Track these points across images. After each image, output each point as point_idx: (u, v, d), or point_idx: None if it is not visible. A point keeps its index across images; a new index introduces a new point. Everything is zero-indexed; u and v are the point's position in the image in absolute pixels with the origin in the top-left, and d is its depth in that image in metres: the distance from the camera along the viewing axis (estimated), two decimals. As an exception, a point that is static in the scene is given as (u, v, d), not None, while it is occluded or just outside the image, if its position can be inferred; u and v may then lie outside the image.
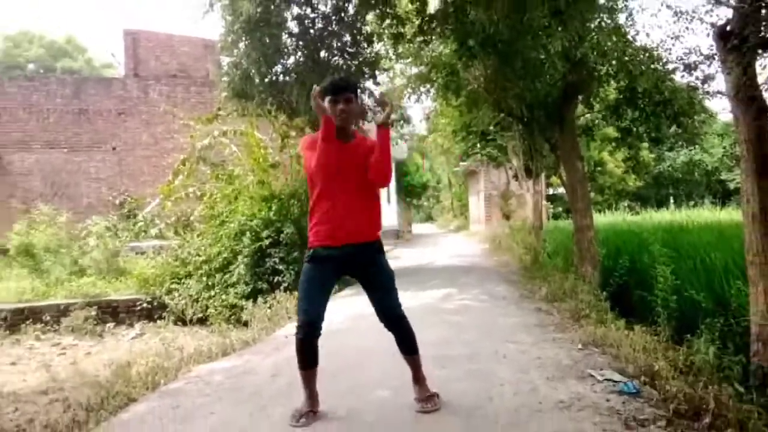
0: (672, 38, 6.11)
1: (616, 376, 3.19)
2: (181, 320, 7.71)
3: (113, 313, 8.15)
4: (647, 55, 6.76)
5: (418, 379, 2.86)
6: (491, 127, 12.06)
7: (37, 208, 11.00)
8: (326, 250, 2.67)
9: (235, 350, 4.50)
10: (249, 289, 7.53)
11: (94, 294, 8.25)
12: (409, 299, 6.66)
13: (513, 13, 6.24)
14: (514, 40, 6.65)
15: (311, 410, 2.71)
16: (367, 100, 10.02)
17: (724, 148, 24.65)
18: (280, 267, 7.68)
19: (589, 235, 7.29)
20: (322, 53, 8.56)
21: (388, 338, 2.85)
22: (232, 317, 7.19)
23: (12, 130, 14.72)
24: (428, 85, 9.86)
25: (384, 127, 2.63)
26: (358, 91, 2.83)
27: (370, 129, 10.78)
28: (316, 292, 2.64)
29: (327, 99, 2.64)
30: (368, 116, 10.12)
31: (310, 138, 2.76)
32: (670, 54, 6.53)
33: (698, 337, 3.80)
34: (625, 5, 7.36)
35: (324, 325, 2.64)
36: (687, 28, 4.36)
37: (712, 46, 3.91)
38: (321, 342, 2.66)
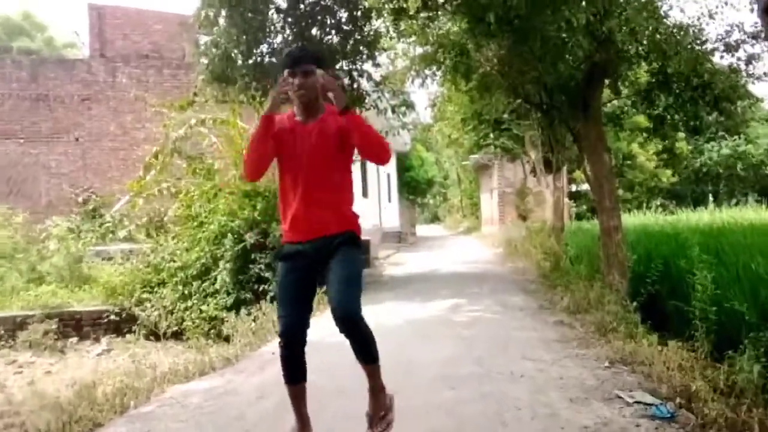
0: (705, 16, 6.14)
1: (647, 398, 3.19)
2: (154, 334, 7.71)
3: (76, 326, 8.15)
4: (683, 33, 6.76)
5: (375, 390, 2.76)
6: (506, 115, 12.06)
7: (-10, 207, 11.00)
8: (293, 246, 2.68)
9: (215, 368, 4.51)
10: (231, 300, 7.53)
11: (54, 305, 8.25)
12: (414, 311, 6.67)
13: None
14: (533, 14, 6.64)
15: None
16: (366, 84, 10.04)
17: (772, 138, 24.72)
18: (266, 274, 7.68)
19: (617, 237, 7.29)
20: (314, 31, 8.58)
21: (390, 353, 2.85)
22: (212, 331, 7.20)
23: (-39, 118, 14.74)
24: (434, 67, 9.84)
25: (346, 112, 2.55)
26: (323, 62, 2.74)
27: (368, 116, 10.80)
28: (293, 295, 2.63)
29: (285, 72, 2.61)
30: (366, 102, 10.17)
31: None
32: (708, 32, 6.55)
33: (741, 353, 3.80)
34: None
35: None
36: (725, 3, 4.37)
37: (756, 23, 3.91)
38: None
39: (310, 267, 2.65)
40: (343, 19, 8.88)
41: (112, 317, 8.13)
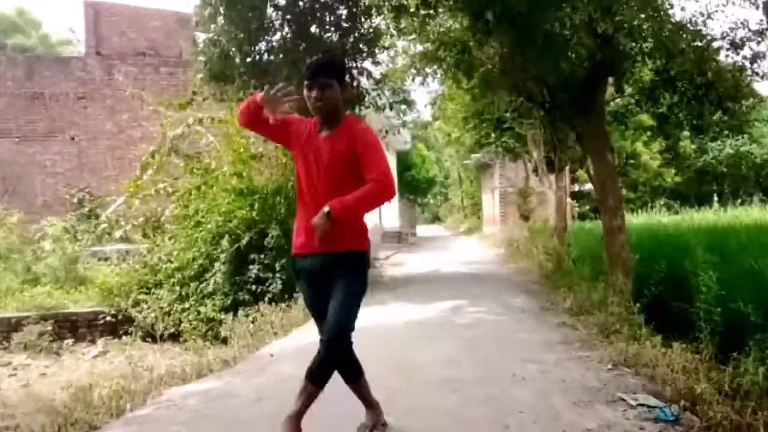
0: (704, 15, 6.14)
1: (651, 401, 3.20)
2: (151, 336, 7.71)
3: (72, 327, 8.16)
4: (686, 31, 6.77)
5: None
6: (507, 114, 12.06)
7: (-16, 207, 11.00)
8: (301, 259, 2.76)
9: (213, 371, 4.51)
10: (228, 301, 7.54)
11: (50, 306, 8.25)
12: (415, 312, 6.68)
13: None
14: (534, 12, 6.64)
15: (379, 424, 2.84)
16: (366, 82, 10.04)
17: (777, 137, 24.71)
18: (265, 275, 7.69)
19: (621, 238, 7.29)
20: (313, 29, 8.59)
21: (391, 354, 2.85)
22: (209, 333, 7.20)
23: (-45, 116, 14.73)
24: (435, 66, 9.85)
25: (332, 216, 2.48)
26: (345, 74, 2.82)
27: (367, 113, 10.79)
28: (317, 313, 2.74)
29: (304, 84, 2.65)
30: (366, 100, 10.18)
31: (293, 117, 2.84)
32: (712, 30, 6.55)
33: (746, 355, 3.80)
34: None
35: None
36: (729, 1, 4.37)
37: (761, 20, 3.92)
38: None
39: (319, 281, 2.70)
40: (343, 17, 8.88)
41: (108, 319, 8.13)
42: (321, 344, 2.60)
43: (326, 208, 2.47)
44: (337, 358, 2.62)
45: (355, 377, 2.81)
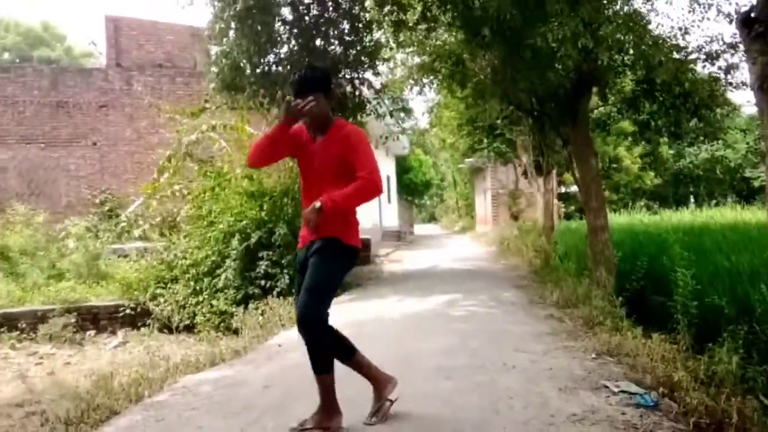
0: (683, 30, 6.15)
1: (632, 388, 3.20)
2: (167, 327, 7.72)
3: (94, 320, 8.16)
4: (666, 44, 6.76)
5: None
6: (499, 121, 12.06)
7: (13, 208, 11.00)
8: (299, 251, 2.80)
9: (225, 360, 4.51)
10: (239, 295, 7.54)
11: (73, 300, 8.25)
12: (412, 305, 6.67)
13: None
14: (524, 27, 6.65)
15: (385, 399, 2.80)
16: (367, 92, 10.03)
17: (747, 144, 24.72)
18: (273, 271, 7.69)
19: (604, 236, 7.29)
20: (318, 42, 8.58)
21: (390, 344, 2.85)
22: (222, 324, 7.20)
23: (-15, 123, 14.73)
24: (432, 76, 9.85)
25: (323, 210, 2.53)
26: (330, 83, 2.81)
27: (368, 121, 10.79)
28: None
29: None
30: (367, 109, 10.17)
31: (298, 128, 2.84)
32: (688, 43, 6.54)
33: (720, 345, 3.80)
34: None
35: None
36: (704, 17, 4.38)
37: (735, 34, 3.92)
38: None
39: (305, 269, 2.69)
40: (346, 31, 8.88)
41: (128, 311, 8.13)
42: (297, 322, 2.61)
43: (318, 203, 2.52)
44: (309, 342, 2.53)
45: (346, 356, 2.75)
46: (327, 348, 2.61)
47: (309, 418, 2.69)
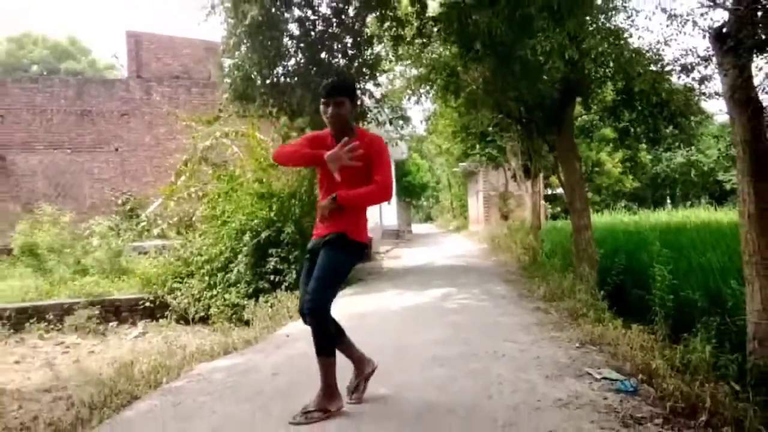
0: (662, 43, 6.14)
1: (613, 375, 3.19)
2: (184, 319, 7.71)
3: (116, 312, 8.16)
4: (644, 57, 6.76)
5: (322, 389, 2.67)
6: (490, 128, 12.07)
7: (41, 208, 10.99)
8: (315, 242, 2.80)
9: (237, 349, 4.50)
10: (251, 289, 7.53)
11: (97, 293, 8.25)
12: (410, 298, 6.66)
13: (513, 13, 6.25)
14: (514, 41, 6.65)
15: (363, 376, 2.85)
16: (368, 101, 10.03)
17: (719, 150, 24.76)
18: (281, 266, 7.68)
19: (587, 234, 7.29)
20: (323, 55, 8.56)
21: (389, 335, 2.84)
22: (234, 316, 7.20)
23: (16, 131, 14.70)
24: (428, 87, 9.85)
25: (336, 201, 2.62)
26: (356, 93, 2.84)
27: (369, 128, 10.78)
28: (302, 288, 2.78)
29: (321, 101, 2.69)
30: (368, 117, 10.16)
31: (313, 135, 2.85)
32: (665, 56, 6.53)
33: (695, 335, 3.80)
34: (624, 6, 7.36)
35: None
36: (680, 32, 4.37)
37: (708, 48, 3.92)
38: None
39: (313, 261, 2.73)
40: (349, 45, 8.86)
41: (147, 304, 8.12)
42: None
43: (334, 195, 2.62)
44: (314, 325, 2.56)
45: (339, 340, 2.80)
46: (329, 332, 2.65)
47: (310, 402, 2.70)
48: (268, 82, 8.18)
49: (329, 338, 2.64)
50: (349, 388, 2.89)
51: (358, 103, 9.70)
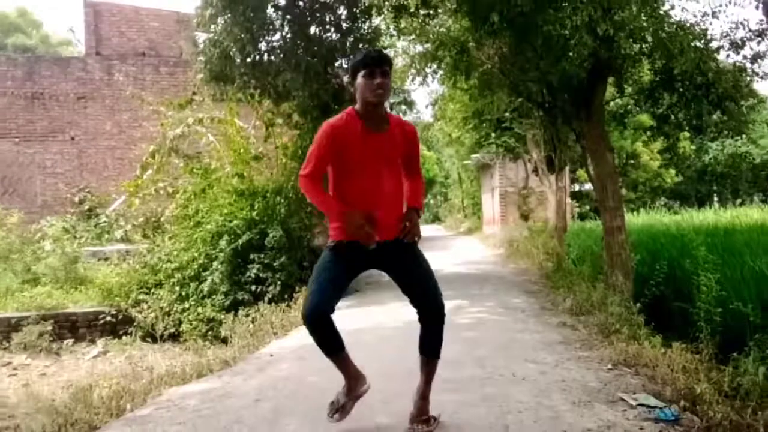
0: (708, 15, 6.14)
1: (651, 401, 3.19)
2: (151, 336, 7.72)
3: (72, 327, 8.16)
4: (687, 31, 6.76)
5: (425, 394, 2.85)
6: (507, 114, 12.08)
7: (-16, 208, 11.00)
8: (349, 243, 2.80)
9: (213, 371, 4.50)
10: (228, 301, 7.55)
11: (49, 306, 8.25)
12: (415, 312, 6.66)
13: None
14: (536, 12, 6.64)
15: (352, 396, 2.85)
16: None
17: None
18: (264, 275, 7.69)
19: (621, 238, 7.29)
20: (313, 29, 8.57)
21: (391, 356, 2.84)
22: (209, 333, 7.21)
23: (-46, 116, 14.74)
24: (434, 65, 9.84)
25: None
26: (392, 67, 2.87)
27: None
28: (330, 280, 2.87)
29: (360, 73, 2.66)
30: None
31: (328, 135, 2.74)
32: (712, 30, 6.53)
33: (746, 355, 3.80)
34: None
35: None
36: (730, 2, 4.37)
37: (762, 20, 3.91)
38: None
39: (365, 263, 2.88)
40: (343, 17, 8.87)
41: (108, 319, 8.13)
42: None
43: (414, 208, 2.92)
44: (442, 324, 2.81)
45: (339, 348, 2.85)
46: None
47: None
48: (249, 60, 8.18)
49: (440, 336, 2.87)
50: (333, 405, 2.87)
51: (346, 80, 9.72)
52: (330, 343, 2.77)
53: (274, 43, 8.59)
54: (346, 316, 6.36)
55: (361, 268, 2.91)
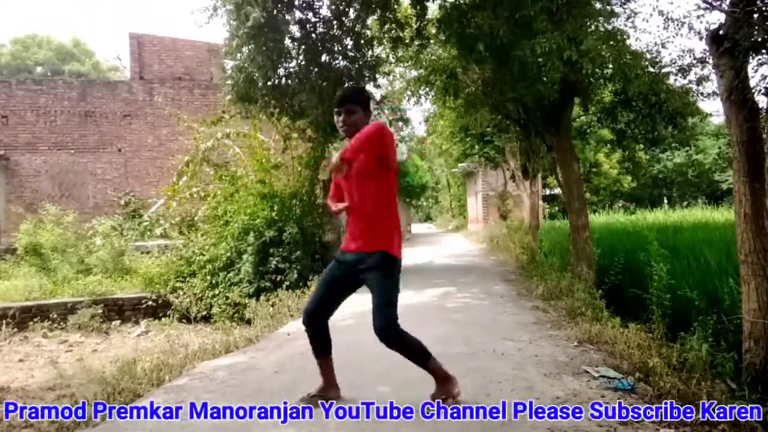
0: (659, 45, 6.15)
1: (611, 373, 3.19)
2: (186, 318, 7.72)
3: (119, 311, 8.16)
4: (642, 58, 6.75)
5: (438, 379, 2.81)
6: (489, 129, 12.06)
7: (45, 209, 11.00)
8: (347, 255, 2.76)
9: (239, 347, 4.50)
10: (252, 288, 7.54)
11: (100, 292, 8.26)
12: (410, 297, 6.66)
13: (513, 15, 6.25)
14: (514, 42, 6.64)
15: (321, 395, 2.77)
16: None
17: (719, 149, 24.78)
18: (283, 266, 7.69)
19: (585, 234, 7.29)
20: (324, 57, 8.56)
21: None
22: (236, 315, 7.20)
23: (20, 131, 14.71)
24: (427, 88, 9.84)
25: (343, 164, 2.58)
26: (369, 102, 2.77)
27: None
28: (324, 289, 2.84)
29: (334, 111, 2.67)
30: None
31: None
32: (662, 58, 6.53)
33: (691, 334, 3.80)
34: (623, 9, 7.35)
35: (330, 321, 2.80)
36: (677, 34, 4.37)
37: (705, 49, 3.91)
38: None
39: (347, 274, 2.71)
40: (349, 47, 8.86)
41: (150, 303, 8.13)
42: None
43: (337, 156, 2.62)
44: (389, 345, 2.64)
45: (326, 351, 2.83)
46: (411, 343, 2.68)
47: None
48: (269, 83, 8.17)
49: (415, 347, 2.68)
50: (309, 394, 2.81)
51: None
52: (318, 344, 2.75)
53: (291, 69, 8.57)
54: (349, 301, 6.35)
55: (354, 282, 2.73)
